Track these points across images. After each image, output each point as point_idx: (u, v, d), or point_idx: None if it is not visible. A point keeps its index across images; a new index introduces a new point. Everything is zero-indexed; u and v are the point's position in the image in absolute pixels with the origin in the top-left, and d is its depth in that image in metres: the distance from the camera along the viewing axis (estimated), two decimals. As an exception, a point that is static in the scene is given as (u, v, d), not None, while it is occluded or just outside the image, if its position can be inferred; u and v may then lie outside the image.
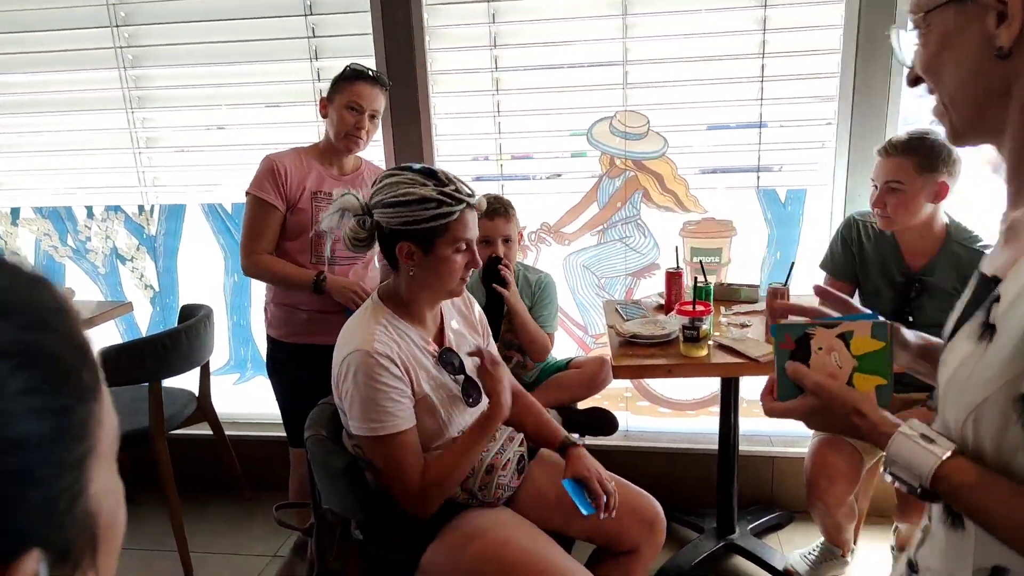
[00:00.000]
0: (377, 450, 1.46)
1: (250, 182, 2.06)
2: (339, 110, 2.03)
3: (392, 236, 1.47)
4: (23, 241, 2.92)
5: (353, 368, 1.42)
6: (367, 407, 1.42)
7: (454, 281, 1.53)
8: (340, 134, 2.04)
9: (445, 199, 1.44)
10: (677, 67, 2.38)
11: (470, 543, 1.49)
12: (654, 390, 2.71)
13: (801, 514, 2.52)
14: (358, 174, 2.16)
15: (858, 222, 2.09)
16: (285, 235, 2.09)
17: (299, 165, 2.07)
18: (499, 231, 2.12)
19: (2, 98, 2.75)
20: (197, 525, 2.61)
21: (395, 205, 1.44)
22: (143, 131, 2.72)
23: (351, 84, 2.04)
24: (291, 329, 2.13)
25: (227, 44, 2.57)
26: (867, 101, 2.27)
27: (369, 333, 1.46)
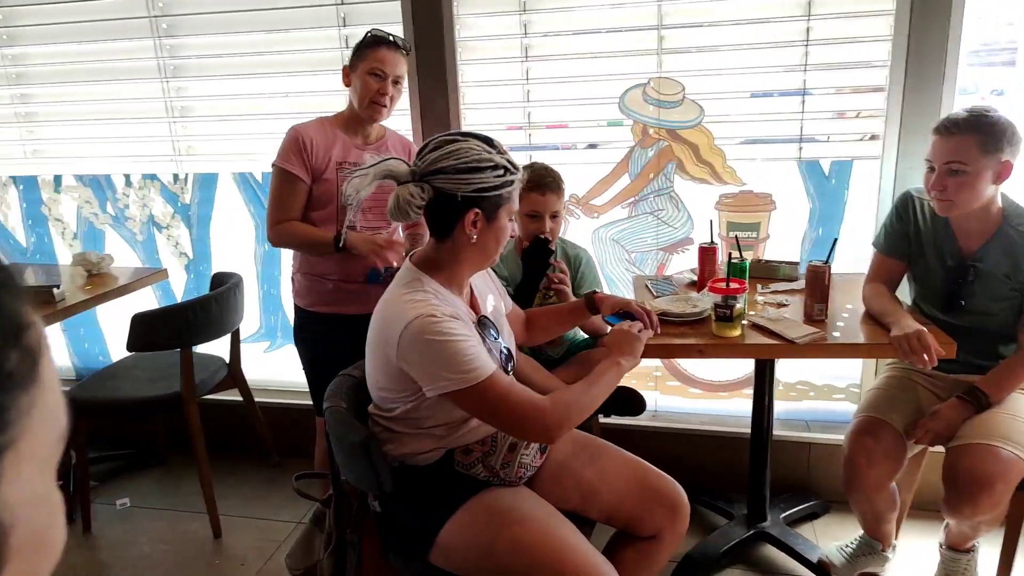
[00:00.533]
0: (485, 400, 1.37)
1: (278, 155, 2.04)
2: (362, 77, 1.99)
3: (464, 203, 1.40)
4: (65, 208, 2.99)
5: (418, 335, 1.34)
6: (453, 362, 1.34)
7: (498, 251, 1.51)
8: (364, 102, 2.00)
9: (509, 167, 1.43)
10: (715, 31, 2.26)
11: (487, 521, 1.46)
12: (685, 370, 2.63)
13: (839, 504, 2.42)
14: (382, 143, 2.12)
15: (915, 198, 1.95)
16: (311, 206, 2.07)
17: (324, 135, 2.04)
18: (550, 206, 2.01)
19: (43, 68, 2.80)
20: (226, 489, 2.66)
21: (469, 171, 1.38)
22: (177, 100, 2.73)
23: (373, 50, 1.99)
24: (316, 298, 2.12)
25: (257, 12, 2.54)
26: (921, 67, 2.12)
27: (418, 300, 1.39)
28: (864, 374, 2.47)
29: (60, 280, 2.62)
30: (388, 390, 1.48)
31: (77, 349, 3.15)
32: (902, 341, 1.69)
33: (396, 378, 1.43)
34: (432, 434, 1.50)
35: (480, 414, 1.42)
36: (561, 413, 1.40)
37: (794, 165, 2.35)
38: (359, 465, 1.45)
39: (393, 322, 1.39)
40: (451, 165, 1.39)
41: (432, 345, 1.34)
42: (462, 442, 1.51)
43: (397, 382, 1.44)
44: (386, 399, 1.50)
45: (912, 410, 1.93)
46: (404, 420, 1.50)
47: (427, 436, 1.50)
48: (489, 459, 1.53)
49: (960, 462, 1.74)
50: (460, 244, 1.45)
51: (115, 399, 2.37)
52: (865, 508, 1.99)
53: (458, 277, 1.51)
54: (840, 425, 2.50)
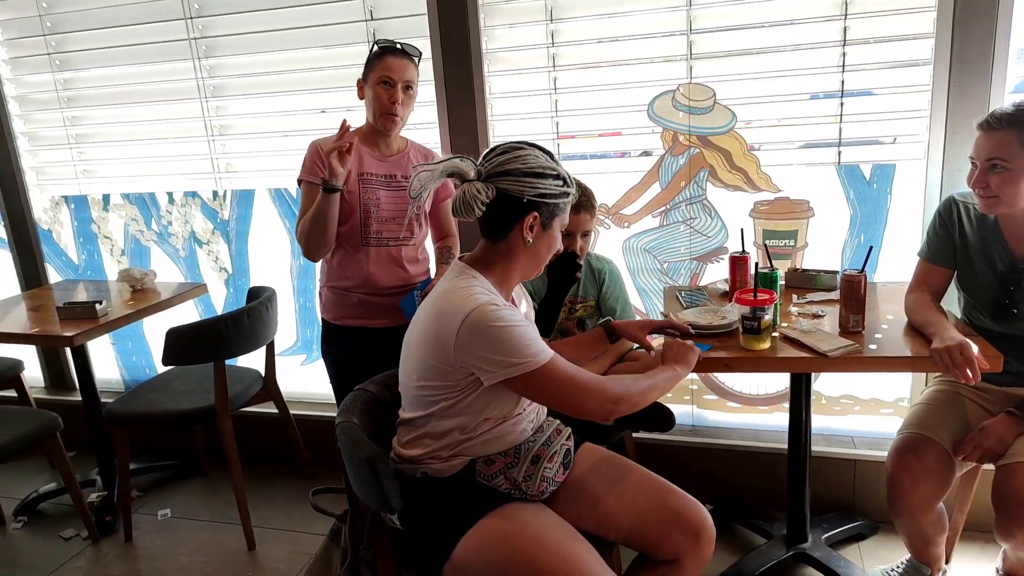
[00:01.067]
0: (548, 382, 1.40)
1: (303, 170, 2.06)
2: (373, 88, 2.00)
3: (527, 206, 1.44)
4: (113, 226, 3.10)
5: (481, 324, 1.37)
6: (515, 347, 1.37)
7: (546, 262, 1.55)
8: (377, 112, 2.02)
9: (568, 179, 1.49)
10: (746, 35, 2.19)
11: (502, 538, 1.43)
12: (722, 383, 2.55)
13: (886, 525, 2.30)
14: (403, 154, 2.12)
15: (958, 203, 1.85)
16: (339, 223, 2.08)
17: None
18: (583, 225, 2.02)
19: (91, 91, 2.91)
20: (261, 500, 2.70)
21: (534, 176, 1.43)
22: (216, 119, 2.81)
23: (381, 60, 2.00)
24: (342, 312, 2.13)
25: (289, 31, 2.59)
26: (966, 66, 2.01)
27: (477, 292, 1.42)
28: (913, 387, 2.35)
29: (108, 295, 2.72)
30: (432, 386, 1.47)
31: (125, 362, 3.25)
32: (943, 354, 1.59)
33: (446, 372, 1.43)
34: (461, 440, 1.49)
35: (543, 396, 1.45)
36: (621, 391, 1.44)
37: (833, 170, 2.26)
38: (367, 482, 1.44)
39: (451, 313, 1.40)
40: (518, 168, 1.44)
41: (496, 332, 1.37)
42: (486, 451, 1.49)
43: (446, 376, 1.44)
44: (424, 397, 1.49)
45: (960, 426, 1.82)
46: (439, 417, 1.48)
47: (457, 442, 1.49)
48: (511, 471, 1.50)
49: (1010, 482, 1.63)
50: (515, 247, 1.49)
51: (152, 411, 2.43)
52: (911, 530, 1.88)
53: (508, 281, 1.53)
54: (888, 441, 2.34)
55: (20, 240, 3.17)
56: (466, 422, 1.48)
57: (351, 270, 2.08)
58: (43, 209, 3.16)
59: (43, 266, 3.20)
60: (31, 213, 3.14)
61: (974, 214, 1.82)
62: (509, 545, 1.41)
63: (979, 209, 1.75)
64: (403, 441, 1.56)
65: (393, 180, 2.09)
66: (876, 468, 2.34)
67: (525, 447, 1.52)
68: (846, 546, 2.27)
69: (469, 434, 1.49)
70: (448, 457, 1.50)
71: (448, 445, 1.50)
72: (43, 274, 3.21)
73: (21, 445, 2.29)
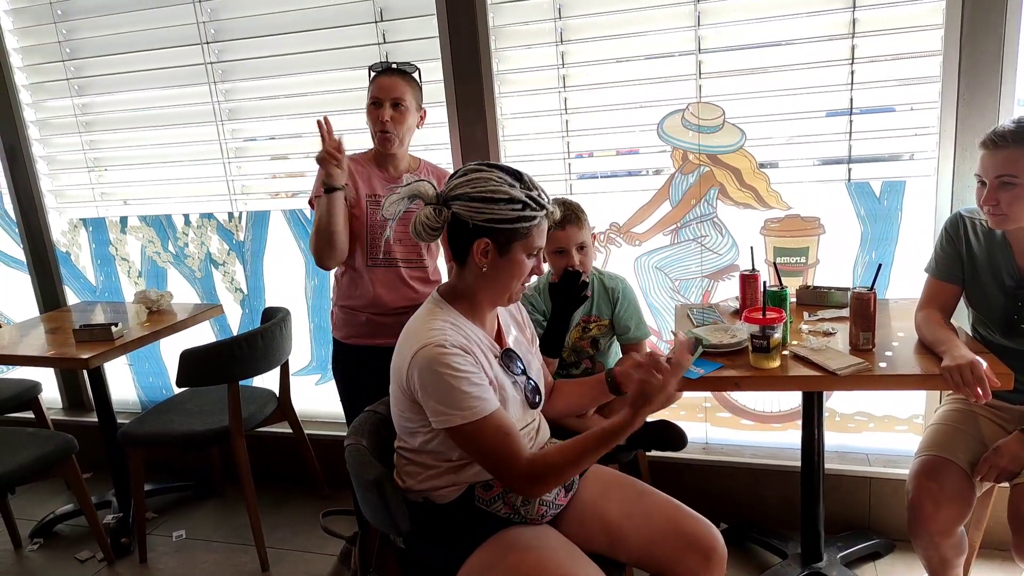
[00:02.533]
0: (469, 439, 1.38)
1: (313, 189, 2.09)
2: (368, 111, 2.05)
3: (473, 231, 1.43)
4: (131, 248, 3.14)
5: (424, 364, 1.37)
6: (448, 398, 1.36)
7: (517, 285, 1.49)
8: (374, 134, 2.06)
9: (530, 203, 1.42)
10: (755, 54, 2.20)
11: (507, 561, 1.42)
12: (736, 401, 2.54)
13: (902, 543, 2.27)
14: (414, 175, 2.15)
15: (965, 219, 1.85)
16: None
17: (356, 168, 2.09)
18: (573, 239, 1.98)
19: (109, 115, 2.97)
20: (276, 521, 2.71)
21: (483, 200, 1.40)
22: (232, 142, 2.85)
23: (373, 83, 2.06)
24: (351, 331, 2.15)
25: (303, 55, 2.63)
26: (975, 82, 2.01)
27: (434, 328, 1.42)
28: (928, 404, 2.33)
29: (125, 317, 2.76)
30: (408, 418, 1.48)
31: (142, 382, 3.29)
32: (953, 372, 1.58)
33: (412, 404, 1.44)
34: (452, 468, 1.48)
35: (468, 452, 1.43)
36: (537, 474, 1.38)
37: (843, 187, 2.25)
38: (374, 504, 1.45)
39: (405, 346, 1.42)
40: (467, 193, 1.42)
41: (436, 376, 1.36)
42: (482, 477, 1.49)
43: (415, 408, 1.44)
44: (407, 428, 1.50)
45: (977, 445, 1.80)
46: (426, 452, 1.49)
47: (448, 470, 1.48)
48: (509, 495, 1.49)
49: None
50: (473, 273, 1.47)
51: (166, 433, 2.45)
52: (931, 554, 1.85)
53: (479, 308, 1.51)
54: (903, 458, 2.35)
55: (39, 262, 3.22)
56: (451, 456, 1.47)
57: (359, 290, 2.10)
58: (62, 232, 3.22)
59: (61, 288, 3.25)
60: (50, 235, 3.19)
61: (981, 230, 1.81)
62: (513, 568, 1.41)
63: (989, 225, 1.74)
64: (399, 470, 1.56)
65: None
66: (891, 486, 2.31)
67: None
68: (862, 565, 2.24)
69: (458, 462, 1.48)
70: (442, 486, 1.50)
71: (438, 474, 1.49)
72: (61, 296, 3.25)
73: (37, 467, 2.32)
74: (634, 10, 2.27)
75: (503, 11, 2.40)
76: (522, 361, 1.59)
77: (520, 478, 1.38)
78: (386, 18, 2.53)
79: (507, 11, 2.40)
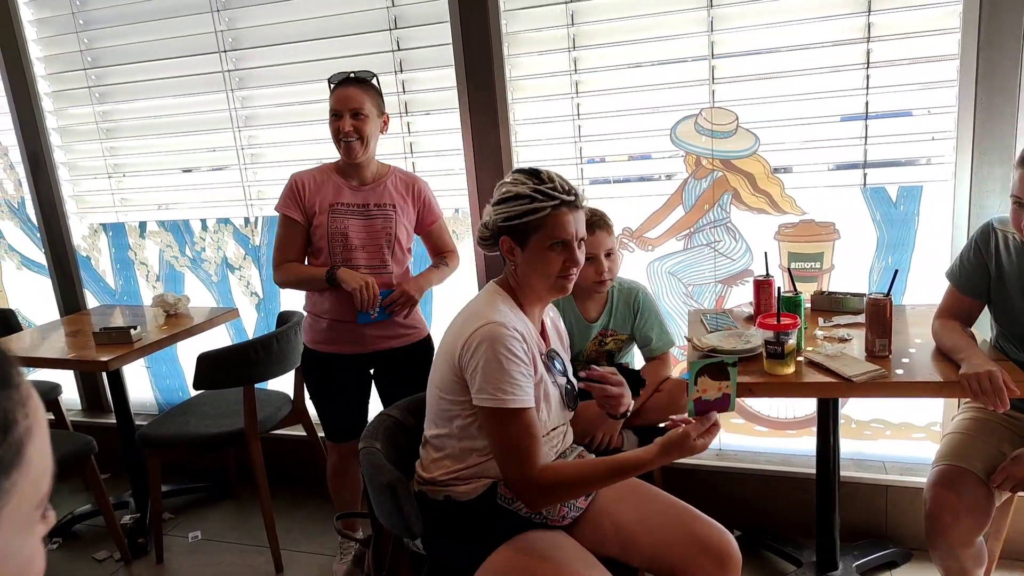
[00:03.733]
0: (499, 425, 1.42)
1: (279, 200, 2.17)
2: (330, 120, 2.09)
3: (497, 232, 1.53)
4: (149, 252, 3.18)
5: (487, 338, 1.42)
6: (497, 375, 1.40)
7: (551, 279, 1.52)
8: (337, 145, 2.10)
9: (537, 196, 1.48)
10: (769, 58, 2.20)
11: (523, 568, 1.43)
12: (750, 407, 2.52)
13: (920, 552, 2.25)
14: (380, 183, 2.17)
15: (997, 231, 1.78)
16: (311, 253, 2.18)
17: (318, 179, 2.15)
18: (602, 245, 2.00)
19: (129, 123, 3.01)
20: (291, 523, 2.73)
21: (498, 203, 1.52)
22: (248, 148, 2.88)
23: (332, 95, 2.10)
24: (315, 336, 2.21)
25: (318, 63, 2.66)
26: (993, 86, 1.99)
27: (499, 310, 1.49)
28: (945, 412, 2.30)
29: (143, 320, 2.80)
30: (450, 400, 1.51)
31: (160, 385, 3.32)
32: (972, 380, 1.56)
33: (458, 385, 1.48)
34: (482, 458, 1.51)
35: (488, 437, 1.46)
36: (545, 485, 1.41)
37: (858, 192, 2.24)
38: (388, 507, 1.46)
39: (470, 321, 1.48)
40: (492, 199, 1.54)
41: (494, 354, 1.41)
42: None
43: (459, 389, 1.48)
44: (446, 413, 1.53)
45: (994, 454, 1.77)
46: (461, 439, 1.51)
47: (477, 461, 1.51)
48: None
49: None
50: (512, 271, 1.55)
51: (183, 435, 2.48)
52: (950, 564, 1.82)
53: (528, 302, 1.57)
54: (920, 467, 2.33)
55: (60, 266, 3.27)
56: (486, 444, 1.49)
57: (324, 297, 2.15)
58: (82, 236, 3.27)
59: (82, 292, 3.30)
60: (71, 240, 3.24)
61: (1014, 244, 1.76)
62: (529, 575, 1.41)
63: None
64: (426, 463, 1.58)
65: (367, 209, 2.14)
66: (909, 494, 2.29)
67: None
68: (879, 574, 2.22)
69: (489, 456, 1.50)
70: (469, 478, 1.52)
71: (469, 466, 1.51)
72: (82, 299, 3.30)
73: (56, 468, 2.34)
74: (647, 15, 2.28)
75: (516, 18, 2.41)
76: (563, 363, 1.63)
77: (528, 482, 1.41)
78: (400, 25, 2.55)
79: (520, 17, 2.41)
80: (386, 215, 2.16)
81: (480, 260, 2.62)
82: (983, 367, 1.57)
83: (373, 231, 2.14)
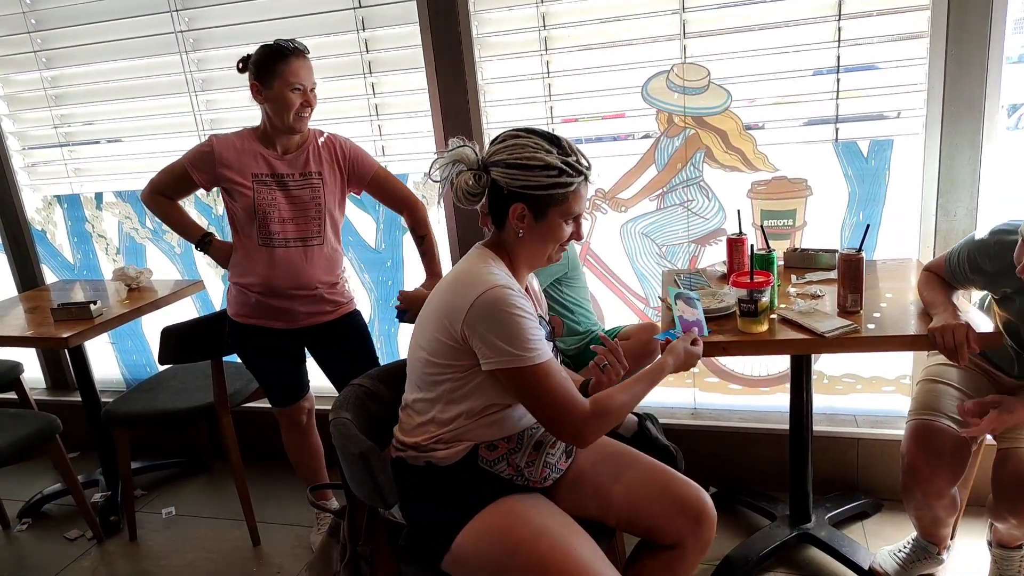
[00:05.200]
0: (532, 384, 1.39)
1: (189, 154, 2.10)
2: (282, 93, 1.97)
3: (509, 196, 1.44)
4: (107, 224, 3.08)
5: (492, 304, 1.38)
6: (518, 338, 1.37)
7: (554, 249, 1.50)
8: (288, 117, 2.00)
9: (567, 169, 1.42)
10: (740, 11, 2.16)
11: (502, 532, 1.43)
12: (723, 365, 2.53)
13: (891, 503, 2.29)
14: (302, 150, 2.09)
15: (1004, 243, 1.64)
16: (235, 221, 2.11)
17: (242, 151, 2.06)
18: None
19: (79, 89, 2.88)
20: (266, 496, 2.71)
21: (518, 167, 1.41)
22: (206, 113, 2.78)
23: (285, 64, 1.97)
24: (240, 309, 2.15)
25: (276, 21, 2.55)
26: (963, 36, 1.97)
27: (494, 273, 1.43)
28: (915, 365, 2.33)
29: (105, 295, 2.71)
30: (439, 364, 1.46)
31: (126, 360, 3.25)
32: (938, 333, 1.57)
33: (453, 351, 1.43)
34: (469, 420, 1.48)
35: (525, 398, 1.43)
36: (599, 419, 1.41)
37: (830, 147, 2.23)
38: (361, 477, 1.44)
39: (470, 285, 1.41)
40: (504, 159, 1.43)
41: (504, 317, 1.37)
42: (487, 437, 1.48)
43: (455, 355, 1.43)
44: (431, 378, 1.49)
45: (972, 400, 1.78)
46: (445, 403, 1.48)
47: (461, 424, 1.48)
48: (514, 456, 1.50)
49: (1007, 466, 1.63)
50: (510, 237, 1.48)
51: (150, 411, 2.42)
52: (923, 514, 1.86)
53: (517, 268, 1.52)
54: (891, 419, 2.37)
55: (15, 241, 3.15)
56: (472, 407, 1.47)
57: (251, 269, 2.09)
58: (36, 209, 3.15)
59: (39, 267, 3.19)
60: (24, 214, 3.12)
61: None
62: (509, 538, 1.41)
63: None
64: (407, 428, 1.55)
65: (291, 179, 2.07)
66: (879, 447, 2.33)
67: (528, 433, 1.52)
68: (850, 525, 2.26)
69: (475, 418, 1.48)
70: (451, 441, 1.49)
71: (452, 430, 1.49)
72: (39, 275, 3.19)
73: (19, 448, 2.29)
74: (616, -32, 2.21)
75: (482, -28, 2.34)
76: (551, 329, 1.59)
77: (582, 418, 1.39)
78: (362, -19, 2.46)
79: (486, -28, 2.33)
80: (312, 185, 2.08)
81: (452, 224, 2.56)
82: (950, 322, 1.58)
83: (301, 203, 2.07)
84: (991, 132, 2.03)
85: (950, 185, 2.09)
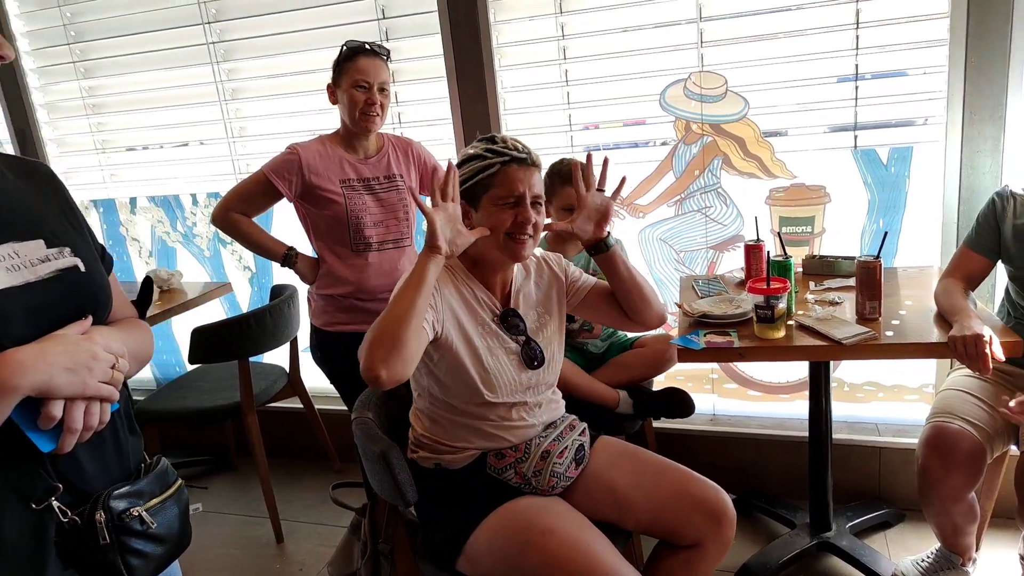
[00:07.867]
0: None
1: (270, 164, 2.04)
2: (348, 91, 1.98)
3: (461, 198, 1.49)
4: (141, 228, 3.17)
5: None
6: None
7: (503, 237, 1.48)
8: (354, 115, 1.99)
9: (486, 155, 1.48)
10: (757, 20, 2.17)
11: (516, 529, 1.44)
12: (743, 372, 2.53)
13: (913, 513, 2.27)
14: (383, 154, 2.11)
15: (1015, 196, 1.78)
16: (318, 231, 2.09)
17: (326, 157, 2.03)
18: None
19: (115, 98, 2.98)
20: (290, 494, 2.76)
21: (460, 170, 1.51)
22: (236, 121, 2.86)
23: (353, 63, 1.98)
24: (332, 318, 2.12)
25: (303, 33, 2.62)
26: (983, 45, 1.97)
27: None
28: (939, 373, 2.31)
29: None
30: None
31: (156, 360, 3.34)
32: (958, 342, 1.57)
33: None
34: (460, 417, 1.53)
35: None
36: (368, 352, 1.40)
37: (849, 154, 2.23)
38: (381, 475, 1.47)
39: None
40: None
41: None
42: (492, 445, 1.52)
43: None
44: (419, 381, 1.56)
45: (987, 410, 1.78)
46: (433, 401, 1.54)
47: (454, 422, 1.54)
48: (521, 465, 1.52)
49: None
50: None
51: (179, 409, 2.49)
52: (942, 520, 1.85)
53: (482, 266, 1.56)
54: (913, 428, 2.35)
55: (52, 245, 3.25)
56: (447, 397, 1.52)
57: (343, 278, 2.08)
58: (73, 214, 3.24)
59: (75, 270, 3.28)
60: (62, 218, 3.22)
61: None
62: (522, 537, 1.42)
63: None
64: (417, 430, 1.60)
65: (377, 183, 2.08)
66: (901, 456, 2.31)
67: (535, 442, 1.54)
68: (872, 535, 2.25)
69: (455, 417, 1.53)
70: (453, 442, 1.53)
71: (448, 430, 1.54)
72: (75, 277, 3.29)
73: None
74: (635, -22, 2.24)
75: (503, -18, 2.38)
76: (524, 325, 1.58)
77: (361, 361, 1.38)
78: (386, -9, 2.51)
79: (507, -18, 2.38)
80: (397, 187, 2.09)
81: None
82: (972, 330, 1.57)
83: (389, 205, 2.08)
84: (1012, 140, 2.02)
85: (971, 193, 2.08)
